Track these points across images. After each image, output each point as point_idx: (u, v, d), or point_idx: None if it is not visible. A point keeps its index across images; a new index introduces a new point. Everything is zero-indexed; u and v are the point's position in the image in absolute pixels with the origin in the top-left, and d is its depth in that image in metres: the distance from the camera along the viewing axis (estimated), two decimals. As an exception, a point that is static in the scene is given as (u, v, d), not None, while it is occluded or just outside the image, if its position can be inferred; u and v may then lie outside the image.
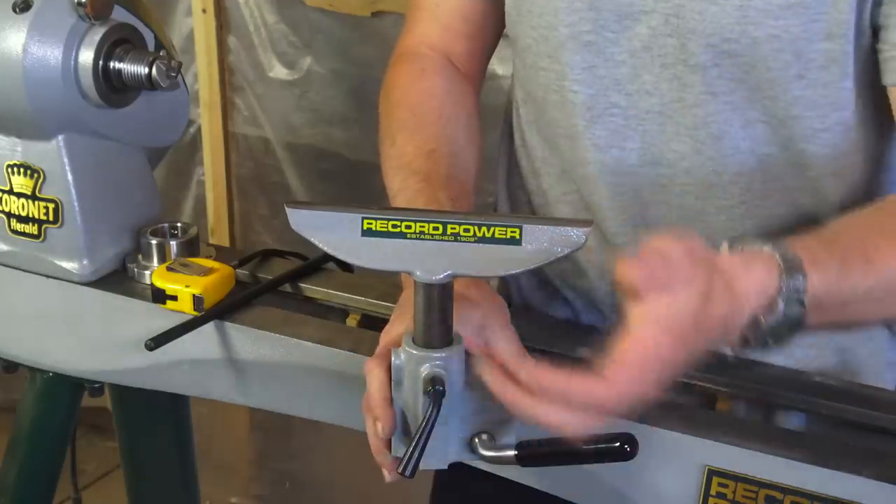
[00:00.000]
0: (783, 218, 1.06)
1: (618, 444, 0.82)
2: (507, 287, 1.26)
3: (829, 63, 0.97)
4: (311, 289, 1.18)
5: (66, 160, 1.12)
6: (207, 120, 2.89)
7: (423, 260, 0.84)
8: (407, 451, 0.82)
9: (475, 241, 0.83)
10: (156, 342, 1.04)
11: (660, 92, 1.03)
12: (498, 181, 1.25)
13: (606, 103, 1.05)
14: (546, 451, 0.86)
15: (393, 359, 0.86)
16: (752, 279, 0.82)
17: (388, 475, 0.88)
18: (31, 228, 1.16)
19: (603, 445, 0.83)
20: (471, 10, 1.17)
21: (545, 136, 1.13)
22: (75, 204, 1.13)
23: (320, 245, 0.85)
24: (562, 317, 1.21)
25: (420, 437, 0.82)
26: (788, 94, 0.99)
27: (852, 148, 1.03)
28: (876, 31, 0.97)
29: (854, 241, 0.88)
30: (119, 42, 1.11)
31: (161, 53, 1.13)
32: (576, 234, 0.83)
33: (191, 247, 1.19)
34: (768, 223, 1.06)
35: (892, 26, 0.95)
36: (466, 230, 0.83)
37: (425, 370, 0.84)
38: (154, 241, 1.17)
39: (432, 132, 1.09)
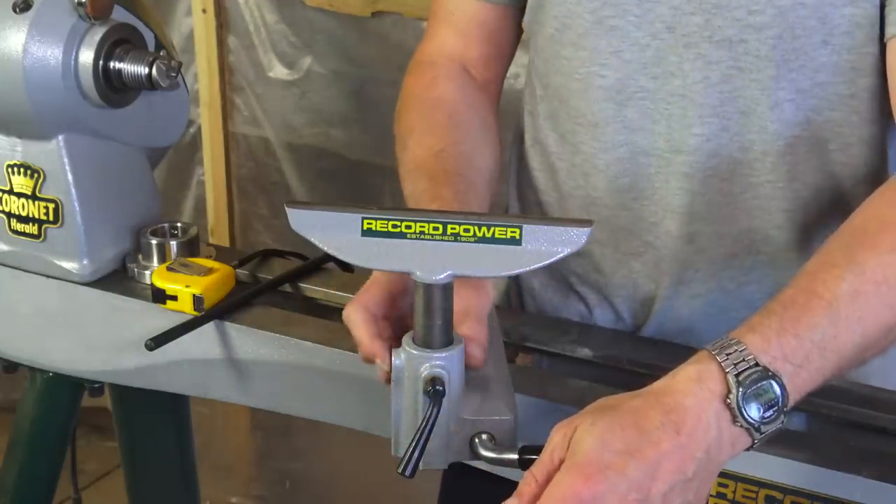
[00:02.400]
0: (810, 193, 1.07)
1: None
2: (518, 286, 1.26)
3: (853, 28, 0.98)
4: (311, 289, 1.18)
5: (66, 160, 1.12)
6: (207, 120, 2.89)
7: (423, 260, 0.84)
8: (407, 450, 0.82)
9: (475, 241, 0.83)
10: (156, 342, 1.04)
11: (682, 73, 1.03)
12: (508, 183, 1.26)
13: (635, 87, 1.06)
14: None
15: (393, 359, 0.86)
16: (685, 379, 0.78)
17: None
18: (31, 228, 1.16)
19: None
20: (487, 15, 1.18)
21: (563, 129, 1.14)
22: (75, 204, 1.13)
23: (320, 245, 0.85)
24: (575, 314, 1.20)
25: (420, 437, 0.82)
26: (815, 61, 0.99)
27: (878, 115, 1.04)
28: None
29: (798, 287, 0.83)
30: (119, 42, 1.11)
31: (161, 53, 1.13)
32: (576, 233, 0.83)
33: (191, 247, 1.19)
34: (795, 200, 1.07)
35: None
36: (466, 230, 0.83)
37: (425, 370, 0.84)
38: (154, 241, 1.17)
39: (441, 134, 1.09)
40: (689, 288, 1.12)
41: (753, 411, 0.77)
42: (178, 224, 1.20)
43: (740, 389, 0.76)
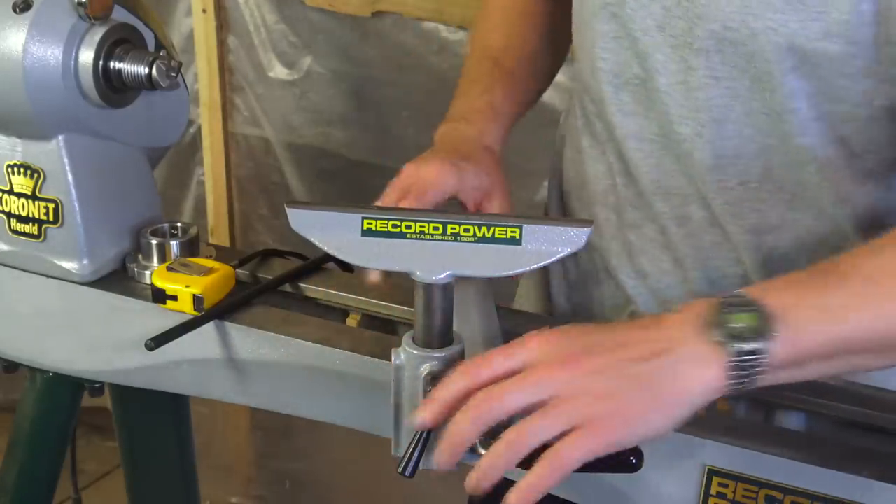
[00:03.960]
0: (786, 206, 1.07)
1: (623, 455, 0.82)
2: (547, 280, 1.29)
3: (825, 61, 0.97)
4: (311, 289, 1.18)
5: (66, 160, 1.12)
6: (207, 120, 2.89)
7: (423, 260, 0.84)
8: (407, 450, 0.82)
9: (475, 241, 0.83)
10: (156, 342, 1.04)
11: (668, 72, 1.05)
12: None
13: (630, 74, 1.09)
14: None
15: (393, 359, 0.86)
16: (676, 311, 0.81)
17: None
18: (31, 228, 1.16)
19: (608, 456, 0.83)
20: None
21: (585, 100, 1.18)
22: (75, 204, 1.13)
23: (320, 245, 0.85)
24: (613, 305, 1.22)
25: (420, 436, 0.82)
26: (786, 86, 0.99)
27: (853, 141, 1.02)
28: None
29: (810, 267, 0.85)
30: (119, 42, 1.11)
31: (161, 53, 1.13)
32: (576, 233, 0.83)
33: (191, 247, 1.19)
34: (769, 210, 1.07)
35: None
36: (466, 230, 0.83)
37: (425, 370, 0.84)
38: (154, 241, 1.17)
39: (510, 33, 1.26)
40: (682, 267, 1.14)
41: (731, 326, 0.77)
42: (178, 224, 1.20)
43: (723, 307, 0.78)
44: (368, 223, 0.84)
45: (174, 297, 1.10)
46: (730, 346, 0.77)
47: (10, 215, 1.16)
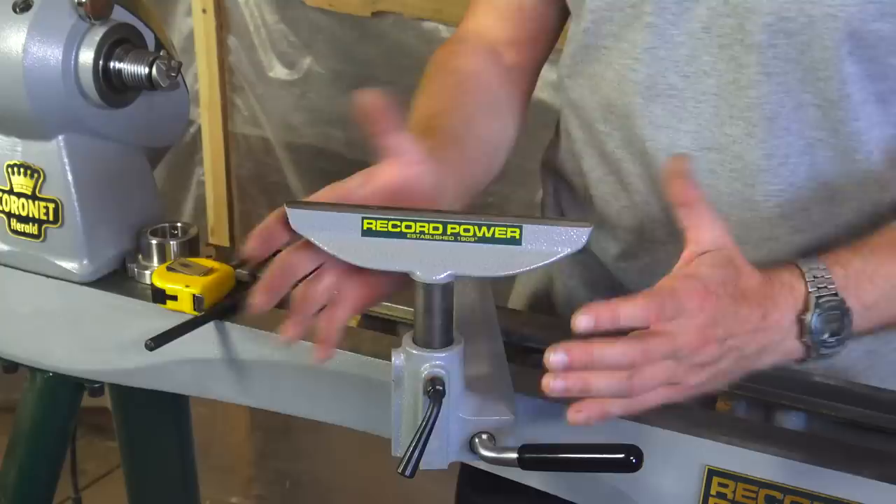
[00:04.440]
0: (832, 205, 1.07)
1: (623, 455, 0.82)
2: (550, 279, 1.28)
3: (879, 41, 0.98)
4: (311, 289, 1.18)
5: (66, 160, 1.12)
6: (207, 120, 2.89)
7: (423, 260, 0.84)
8: (407, 451, 0.82)
9: (475, 241, 0.83)
10: (156, 342, 1.04)
11: (717, 72, 1.04)
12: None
13: (665, 84, 1.07)
14: (549, 457, 0.86)
15: (393, 359, 0.86)
16: (782, 284, 0.89)
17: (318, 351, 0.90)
18: (31, 228, 1.16)
19: (608, 456, 0.83)
20: (531, 4, 1.20)
21: (591, 118, 1.15)
22: (75, 204, 1.13)
23: (320, 245, 0.85)
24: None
25: (420, 437, 0.82)
26: (842, 72, 0.99)
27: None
28: None
29: (885, 237, 0.96)
30: (119, 42, 1.11)
31: (161, 53, 1.13)
32: (576, 233, 0.83)
33: (191, 247, 1.19)
34: (815, 209, 1.07)
35: None
36: (466, 230, 0.83)
37: (425, 370, 0.84)
38: (154, 241, 1.17)
39: (445, 97, 1.13)
40: None
41: (819, 334, 0.88)
42: (178, 224, 1.20)
43: (817, 311, 0.88)
44: (368, 223, 0.84)
45: (174, 297, 1.10)
46: (815, 347, 0.89)
47: (10, 215, 1.16)
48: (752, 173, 1.06)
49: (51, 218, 1.14)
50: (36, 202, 1.14)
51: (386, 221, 0.84)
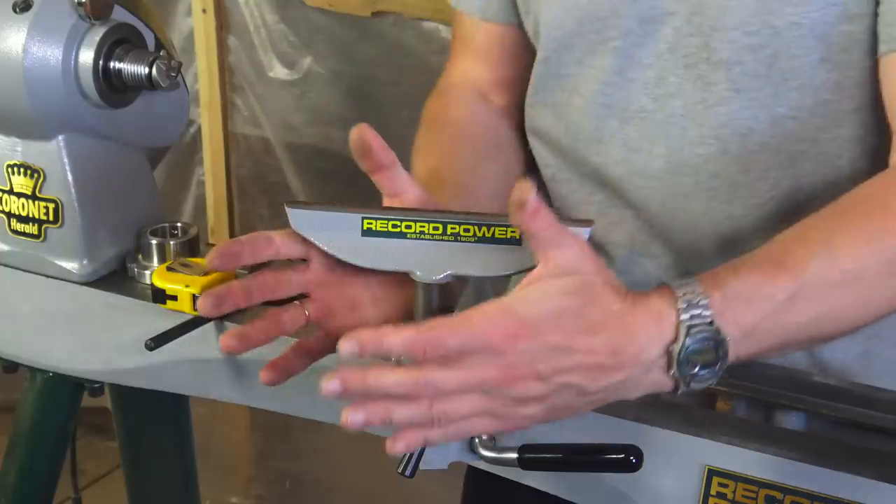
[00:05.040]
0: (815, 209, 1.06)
1: (623, 455, 0.82)
2: None
3: (852, 44, 0.97)
4: (311, 289, 1.18)
5: (66, 160, 1.12)
6: (207, 120, 2.89)
7: (423, 260, 0.84)
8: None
9: (475, 241, 0.83)
10: (156, 342, 1.04)
11: (683, 93, 1.03)
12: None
13: (636, 107, 1.06)
14: (549, 457, 0.86)
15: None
16: (649, 312, 0.80)
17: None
18: (32, 228, 1.16)
19: (608, 456, 0.83)
20: (505, 36, 1.19)
21: (562, 145, 1.13)
22: (75, 204, 1.13)
23: (320, 245, 0.85)
24: None
25: (420, 437, 0.82)
26: (816, 79, 0.98)
27: (881, 123, 1.02)
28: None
29: (768, 252, 0.85)
30: (119, 42, 1.11)
31: (161, 53, 1.13)
32: (577, 233, 0.83)
33: (191, 247, 1.19)
34: (797, 220, 1.06)
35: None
36: (466, 230, 0.83)
37: (425, 370, 0.84)
38: (154, 241, 1.17)
39: (442, 151, 1.11)
40: None
41: (690, 367, 0.80)
42: (178, 224, 1.20)
43: (687, 342, 0.79)
44: (368, 223, 0.84)
45: (174, 297, 1.10)
46: (685, 380, 0.81)
47: (10, 215, 1.16)
48: (729, 190, 1.05)
49: (51, 218, 1.14)
50: (36, 202, 1.14)
51: (386, 221, 0.84)
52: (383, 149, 0.86)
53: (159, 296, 1.10)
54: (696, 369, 0.80)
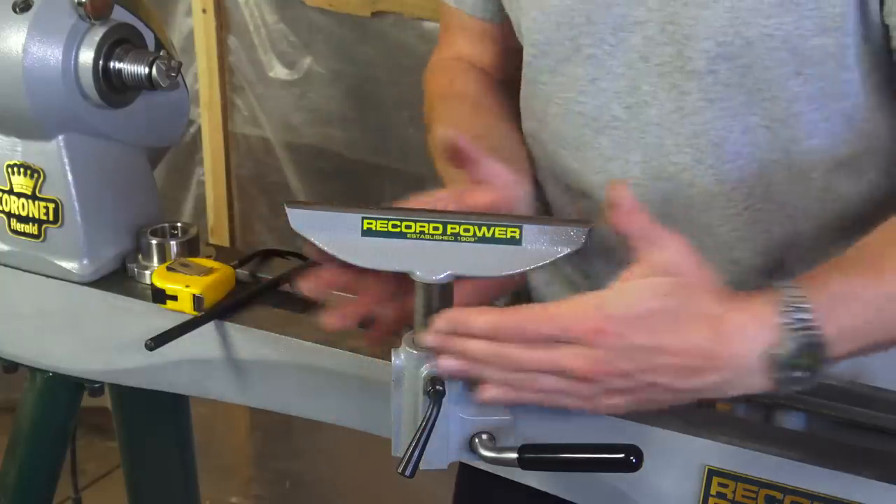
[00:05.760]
0: (792, 223, 1.06)
1: (623, 455, 0.82)
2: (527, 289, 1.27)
3: (826, 58, 0.97)
4: (311, 289, 1.18)
5: (66, 160, 1.12)
6: (207, 120, 2.89)
7: (423, 260, 0.84)
8: (407, 451, 0.82)
9: (475, 241, 0.83)
10: (156, 342, 1.04)
11: (658, 102, 1.03)
12: None
13: (609, 115, 1.06)
14: (549, 457, 0.86)
15: (393, 359, 0.86)
16: (749, 314, 0.81)
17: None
18: (31, 228, 1.16)
19: (608, 456, 0.83)
20: (495, 31, 1.20)
21: (546, 150, 1.14)
22: (75, 204, 1.13)
23: (320, 245, 0.85)
24: None
25: (420, 437, 0.82)
26: (788, 91, 0.98)
27: (857, 136, 1.02)
28: (888, 29, 0.96)
29: (862, 257, 0.87)
30: (119, 42, 1.11)
31: (161, 53, 1.13)
32: (576, 233, 0.83)
33: (191, 247, 1.19)
34: (776, 230, 1.06)
35: None
36: (466, 230, 0.83)
37: (425, 370, 0.84)
38: (154, 241, 1.17)
39: (469, 124, 1.11)
40: None
41: (790, 370, 0.80)
42: (178, 224, 1.20)
43: (789, 345, 0.79)
44: (368, 223, 0.84)
45: (174, 297, 1.10)
46: (786, 383, 0.81)
47: (10, 215, 1.16)
48: (706, 199, 1.04)
49: (51, 218, 1.14)
50: (36, 202, 1.14)
51: (386, 221, 0.84)
52: (471, 147, 0.89)
53: (159, 296, 1.10)
54: (797, 372, 0.80)
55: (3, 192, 1.16)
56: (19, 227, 1.16)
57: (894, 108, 1.03)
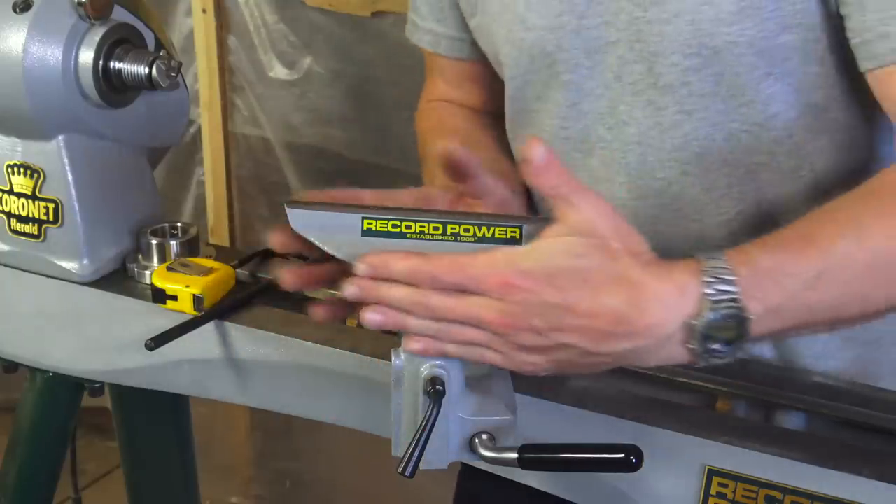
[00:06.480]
0: (785, 222, 1.05)
1: (623, 455, 0.82)
2: None
3: (791, 53, 0.97)
4: (311, 289, 1.18)
5: (66, 160, 1.12)
6: (207, 120, 2.89)
7: (423, 260, 0.84)
8: (407, 451, 0.82)
9: (475, 241, 0.83)
10: (156, 342, 1.04)
11: (636, 120, 1.03)
12: None
13: (595, 137, 1.06)
14: (549, 457, 0.86)
15: (393, 359, 0.86)
16: (671, 282, 0.79)
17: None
18: (31, 228, 1.16)
19: (608, 456, 0.83)
20: (474, 70, 1.22)
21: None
22: (75, 204, 1.13)
23: (320, 245, 0.85)
24: None
25: (420, 437, 0.82)
26: (762, 93, 0.99)
27: (836, 129, 1.03)
28: (843, 19, 0.96)
29: (797, 230, 0.85)
30: (119, 42, 1.11)
31: (161, 53, 1.13)
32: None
33: (191, 247, 1.19)
34: (770, 230, 1.05)
35: (852, 14, 0.94)
36: (466, 230, 0.83)
37: (425, 370, 0.84)
38: (154, 241, 1.17)
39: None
40: None
41: (709, 342, 0.79)
42: (178, 224, 1.20)
43: (709, 316, 0.78)
44: (368, 223, 0.84)
45: (174, 297, 1.10)
46: (703, 355, 0.80)
47: (10, 215, 1.16)
48: (696, 209, 1.05)
49: (51, 218, 1.14)
50: (36, 202, 1.14)
51: (386, 221, 0.84)
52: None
53: (159, 296, 1.10)
54: (716, 345, 0.79)
55: (3, 192, 1.16)
56: (19, 227, 1.16)
57: (865, 98, 1.02)
